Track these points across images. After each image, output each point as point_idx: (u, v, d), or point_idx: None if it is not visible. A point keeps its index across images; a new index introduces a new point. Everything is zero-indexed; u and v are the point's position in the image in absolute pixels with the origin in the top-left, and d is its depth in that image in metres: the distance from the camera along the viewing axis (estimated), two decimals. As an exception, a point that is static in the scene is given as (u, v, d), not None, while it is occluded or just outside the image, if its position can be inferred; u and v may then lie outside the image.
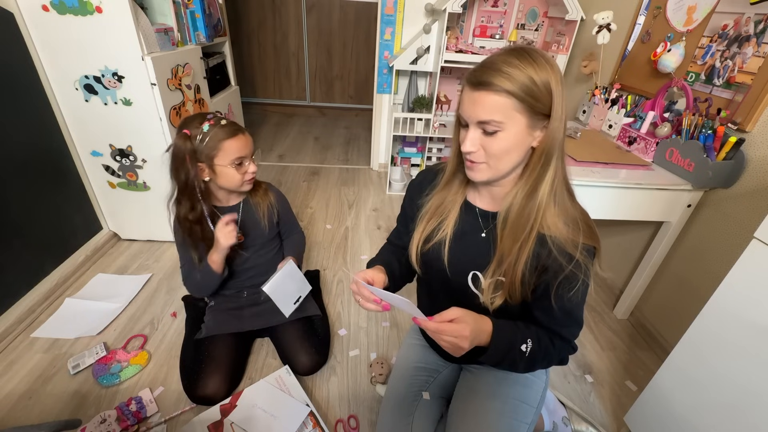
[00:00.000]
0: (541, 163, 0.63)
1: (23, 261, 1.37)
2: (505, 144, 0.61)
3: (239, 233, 1.17)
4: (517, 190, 0.66)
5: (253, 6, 3.52)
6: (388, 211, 2.28)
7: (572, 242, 0.64)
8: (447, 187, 0.76)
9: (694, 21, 1.31)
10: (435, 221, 0.77)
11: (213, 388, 1.07)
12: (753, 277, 0.74)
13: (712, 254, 1.23)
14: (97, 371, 1.16)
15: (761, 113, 1.08)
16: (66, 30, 1.30)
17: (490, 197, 0.74)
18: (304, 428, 1.03)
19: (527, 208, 0.65)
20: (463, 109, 0.63)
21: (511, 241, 0.67)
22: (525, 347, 0.69)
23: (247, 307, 1.25)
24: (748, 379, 0.75)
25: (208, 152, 1.00)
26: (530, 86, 0.57)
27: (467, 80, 0.62)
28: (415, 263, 0.80)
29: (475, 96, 0.60)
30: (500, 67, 0.57)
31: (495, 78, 0.57)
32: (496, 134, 0.61)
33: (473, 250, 0.74)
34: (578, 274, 0.65)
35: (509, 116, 0.59)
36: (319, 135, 3.55)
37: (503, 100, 0.58)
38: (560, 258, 0.65)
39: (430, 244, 0.77)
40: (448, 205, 0.76)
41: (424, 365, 0.96)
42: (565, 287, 0.67)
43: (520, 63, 0.57)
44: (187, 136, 0.99)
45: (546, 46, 2.19)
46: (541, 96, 0.58)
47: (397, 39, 2.31)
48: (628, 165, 1.28)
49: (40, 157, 1.42)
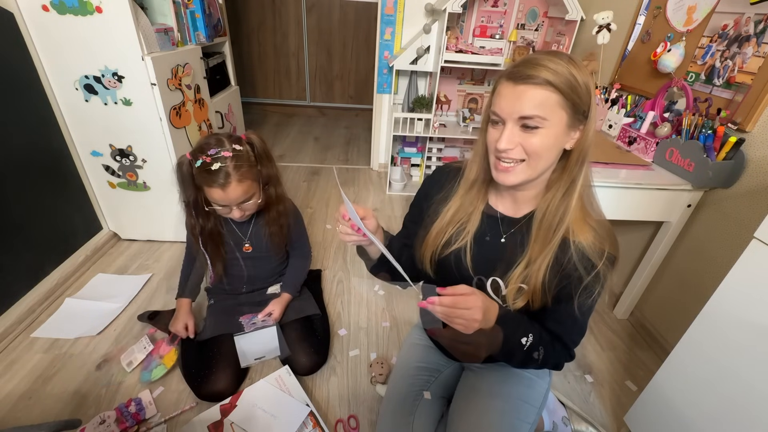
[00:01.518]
0: (579, 165, 0.63)
1: (23, 261, 1.37)
2: (546, 141, 0.60)
3: (247, 244, 1.18)
4: (554, 192, 0.65)
5: (253, 6, 3.52)
6: (388, 211, 2.28)
7: (598, 249, 0.64)
8: (468, 192, 0.74)
9: (694, 21, 1.31)
10: (454, 226, 0.75)
11: (223, 384, 1.09)
12: (753, 277, 0.74)
13: (712, 254, 1.23)
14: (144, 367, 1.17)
15: (761, 113, 1.08)
16: (66, 30, 1.30)
17: (512, 201, 0.73)
18: (304, 428, 1.03)
19: (560, 211, 0.65)
20: (501, 105, 0.60)
21: (540, 246, 0.66)
22: (525, 341, 0.68)
23: (247, 305, 1.25)
24: (748, 378, 0.75)
25: (198, 182, 1.01)
26: (573, 83, 0.57)
27: (506, 76, 0.60)
28: (428, 267, 0.79)
29: (518, 90, 0.58)
30: (544, 63, 0.57)
31: (540, 71, 0.57)
32: (537, 130, 0.59)
33: (494, 256, 0.73)
34: (596, 284, 0.64)
35: (553, 112, 0.58)
36: (319, 135, 3.55)
37: (548, 94, 0.57)
38: (579, 265, 0.64)
39: (450, 250, 0.75)
40: (468, 209, 0.74)
41: (425, 365, 0.96)
42: (582, 296, 0.66)
43: (562, 61, 0.57)
44: (189, 160, 1.00)
45: (546, 46, 2.19)
46: (583, 94, 0.59)
47: (397, 39, 2.31)
48: (628, 165, 1.28)
49: (40, 157, 1.42)
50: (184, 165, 1.00)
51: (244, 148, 1.03)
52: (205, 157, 0.97)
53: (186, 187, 1.03)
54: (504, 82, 0.61)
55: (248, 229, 1.19)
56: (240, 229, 1.18)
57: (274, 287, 1.32)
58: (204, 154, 0.97)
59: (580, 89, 0.58)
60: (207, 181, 0.98)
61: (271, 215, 1.17)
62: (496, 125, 0.63)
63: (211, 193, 1.00)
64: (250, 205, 1.06)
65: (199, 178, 0.99)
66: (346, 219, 0.64)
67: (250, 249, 1.20)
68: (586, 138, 0.62)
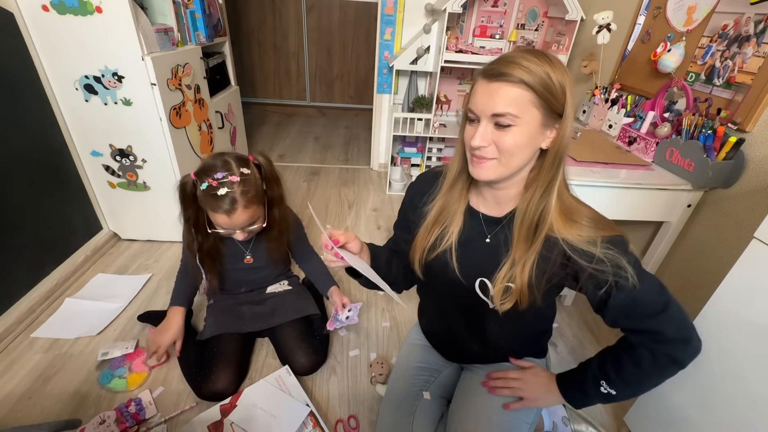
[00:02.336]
0: (555, 165, 0.62)
1: (23, 261, 1.37)
2: (519, 139, 0.60)
3: (248, 256, 1.19)
4: (533, 192, 0.65)
5: (253, 6, 3.52)
6: (388, 211, 2.28)
7: (589, 239, 0.62)
8: (450, 190, 0.74)
9: (694, 21, 1.31)
10: (438, 229, 0.75)
11: (224, 384, 1.09)
12: (753, 277, 0.74)
13: (712, 254, 1.23)
14: (111, 366, 1.17)
15: (761, 113, 1.08)
16: (66, 30, 1.30)
17: (494, 201, 0.72)
18: (304, 428, 1.03)
19: (539, 210, 0.64)
20: (476, 102, 0.61)
21: (524, 245, 0.66)
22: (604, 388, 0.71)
23: (247, 305, 1.26)
24: (748, 378, 0.75)
25: (203, 203, 1.00)
26: (547, 82, 0.57)
27: (482, 73, 0.60)
28: (419, 271, 0.79)
29: (491, 88, 0.58)
30: (518, 61, 0.57)
31: (513, 69, 0.56)
32: (510, 128, 0.59)
33: (479, 256, 0.73)
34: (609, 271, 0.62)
35: (526, 110, 0.58)
36: (319, 135, 3.55)
37: (521, 92, 0.57)
38: (582, 261, 0.63)
39: (436, 253, 0.75)
40: (451, 211, 0.74)
41: (425, 365, 0.96)
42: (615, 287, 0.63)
43: (538, 60, 0.57)
44: (194, 181, 0.98)
45: (546, 46, 2.19)
46: (557, 94, 0.58)
47: (397, 39, 2.31)
48: (628, 165, 1.28)
49: (40, 157, 1.42)
50: (188, 185, 0.98)
51: (252, 171, 1.01)
52: (212, 180, 0.94)
53: (188, 207, 1.01)
54: (479, 79, 0.61)
55: (249, 244, 1.20)
56: (241, 242, 1.17)
57: (273, 286, 1.32)
58: (210, 177, 0.95)
59: (555, 88, 0.58)
60: (212, 206, 0.96)
61: (273, 233, 1.17)
62: (472, 123, 0.63)
63: (215, 217, 0.98)
64: (255, 228, 1.06)
65: (203, 201, 0.98)
66: (329, 249, 0.65)
67: (251, 261, 1.21)
68: (562, 137, 0.61)
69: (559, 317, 1.54)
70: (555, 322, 1.36)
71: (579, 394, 0.77)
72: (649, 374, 0.68)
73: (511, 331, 0.83)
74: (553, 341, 1.41)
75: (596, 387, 0.72)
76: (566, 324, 1.51)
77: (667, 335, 0.65)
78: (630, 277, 0.62)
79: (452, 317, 0.87)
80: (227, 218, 0.97)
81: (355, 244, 0.69)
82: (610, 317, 0.68)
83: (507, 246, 0.69)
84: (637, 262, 0.64)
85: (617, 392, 0.71)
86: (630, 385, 0.70)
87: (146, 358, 1.17)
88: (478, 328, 0.83)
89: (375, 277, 0.65)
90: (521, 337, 0.87)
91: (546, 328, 0.92)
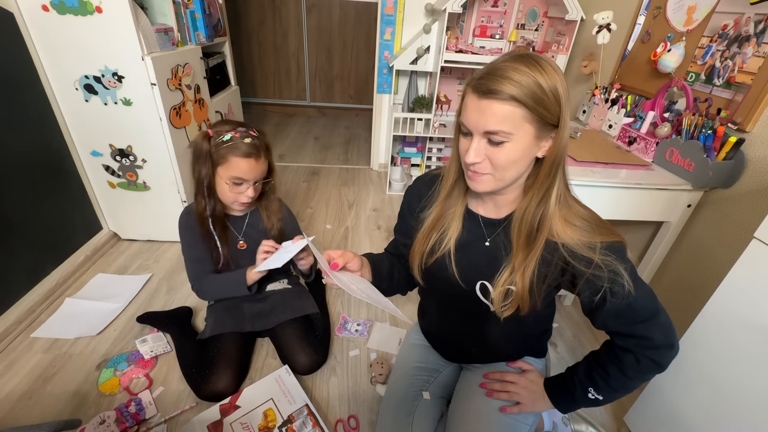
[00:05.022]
0: (552, 173, 0.62)
1: (23, 261, 1.37)
2: (513, 155, 0.59)
3: (241, 241, 1.18)
4: (529, 199, 0.64)
5: (253, 6, 3.52)
6: (388, 211, 2.28)
7: (589, 244, 0.62)
8: (447, 198, 0.74)
9: (694, 21, 1.31)
10: (436, 234, 0.75)
11: (224, 384, 1.09)
12: (753, 277, 0.74)
13: (712, 254, 1.22)
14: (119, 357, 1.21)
15: (761, 113, 1.08)
16: (66, 30, 1.30)
17: (493, 204, 0.72)
18: (304, 428, 1.03)
19: (537, 217, 0.64)
20: (468, 118, 0.59)
21: (523, 252, 0.66)
22: (592, 394, 0.73)
23: (247, 302, 1.25)
24: (747, 378, 0.75)
25: (216, 158, 1.04)
26: (539, 94, 0.55)
27: (472, 87, 0.58)
28: (418, 276, 0.79)
29: (482, 105, 0.56)
30: (508, 74, 0.54)
31: (503, 86, 0.54)
32: (503, 145, 0.58)
33: (479, 259, 0.73)
34: (605, 276, 0.62)
35: (518, 126, 0.56)
36: (319, 135, 3.55)
37: (512, 110, 0.55)
38: (581, 266, 0.63)
39: (435, 257, 0.75)
40: (449, 215, 0.74)
41: (424, 365, 0.96)
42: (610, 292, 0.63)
43: (528, 69, 0.54)
44: (208, 136, 1.03)
45: (546, 46, 2.19)
46: (550, 105, 0.56)
47: (397, 39, 2.31)
48: (628, 165, 1.28)
49: (40, 157, 1.42)
50: (203, 143, 1.03)
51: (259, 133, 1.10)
52: (235, 132, 1.03)
53: (202, 164, 1.05)
54: (470, 93, 0.58)
55: (242, 227, 1.20)
56: (234, 225, 1.19)
57: (273, 284, 1.32)
58: (234, 130, 1.03)
59: (547, 100, 0.55)
60: (237, 153, 1.02)
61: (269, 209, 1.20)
62: (465, 135, 0.62)
63: (238, 164, 1.03)
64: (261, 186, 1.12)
65: (225, 151, 1.02)
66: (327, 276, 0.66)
67: (244, 246, 1.20)
68: (559, 145, 0.59)
69: (559, 317, 1.54)
70: (555, 322, 1.36)
71: (567, 400, 0.79)
72: (633, 378, 0.70)
73: (512, 332, 0.83)
74: (553, 341, 1.41)
75: (584, 393, 0.74)
76: (566, 324, 1.51)
77: (654, 341, 0.66)
78: (626, 284, 0.62)
79: (453, 319, 0.87)
80: (253, 162, 1.04)
81: (354, 263, 0.70)
82: (601, 321, 0.69)
83: (506, 249, 0.69)
84: (633, 269, 0.64)
85: (604, 397, 0.73)
86: (616, 390, 0.72)
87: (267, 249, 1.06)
88: (478, 329, 0.83)
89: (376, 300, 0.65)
90: (522, 337, 0.87)
91: (546, 328, 0.92)
